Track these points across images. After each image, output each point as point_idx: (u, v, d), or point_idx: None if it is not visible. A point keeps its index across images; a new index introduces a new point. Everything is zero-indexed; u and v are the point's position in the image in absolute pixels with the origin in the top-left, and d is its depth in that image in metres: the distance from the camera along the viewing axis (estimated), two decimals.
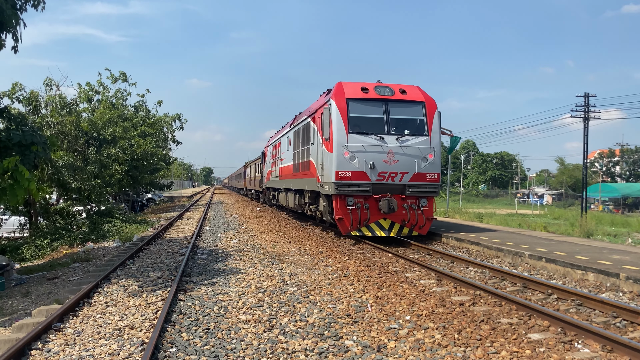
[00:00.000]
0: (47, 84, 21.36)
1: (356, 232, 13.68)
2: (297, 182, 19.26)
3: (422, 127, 14.20)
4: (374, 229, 13.79)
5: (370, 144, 13.60)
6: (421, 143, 13.96)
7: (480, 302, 7.77)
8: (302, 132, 18.34)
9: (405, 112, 14.37)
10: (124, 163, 25.68)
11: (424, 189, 13.94)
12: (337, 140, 13.48)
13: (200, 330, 6.40)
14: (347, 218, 13.59)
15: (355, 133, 13.61)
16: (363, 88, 14.14)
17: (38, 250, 16.15)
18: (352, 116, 13.73)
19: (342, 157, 13.43)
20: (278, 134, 26.64)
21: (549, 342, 5.92)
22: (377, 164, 13.55)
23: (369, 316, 7.01)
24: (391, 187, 13.73)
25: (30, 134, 10.01)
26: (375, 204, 13.67)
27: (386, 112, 14.01)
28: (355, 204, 13.55)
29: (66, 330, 6.60)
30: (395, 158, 13.68)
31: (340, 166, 13.42)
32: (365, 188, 13.50)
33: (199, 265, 11.10)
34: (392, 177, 13.71)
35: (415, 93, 14.50)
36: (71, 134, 20.40)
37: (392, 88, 14.26)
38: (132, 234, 18.08)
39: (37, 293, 9.79)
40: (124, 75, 32.39)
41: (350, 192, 13.47)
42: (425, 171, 13.92)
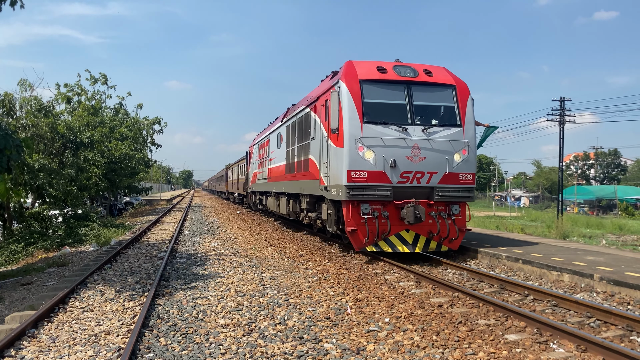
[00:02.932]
0: (21, 85, 20.97)
1: (372, 247, 11.16)
2: (291, 185, 16.74)
3: (453, 116, 11.69)
4: (395, 243, 11.31)
5: (390, 136, 11.06)
6: (453, 136, 11.45)
7: (459, 304, 7.85)
8: (299, 126, 15.72)
9: (432, 98, 11.84)
10: (101, 166, 25.32)
11: (457, 193, 11.50)
12: (349, 132, 10.96)
13: (178, 335, 6.34)
14: (361, 230, 11.08)
15: (371, 123, 11.07)
16: (380, 68, 11.60)
17: (12, 255, 15.79)
18: (367, 102, 11.18)
19: (356, 153, 10.94)
20: (266, 131, 24.02)
21: (525, 343, 6.01)
22: (399, 162, 11.05)
23: (348, 319, 7.02)
24: (416, 190, 11.27)
25: (3, 137, 9.80)
26: (396, 212, 11.24)
27: (409, 97, 11.45)
28: (372, 212, 11.07)
29: (40, 336, 6.47)
30: (421, 154, 11.18)
31: (354, 164, 10.91)
32: (384, 192, 11.03)
33: (177, 270, 11.00)
34: (418, 179, 11.23)
35: (443, 74, 12.03)
36: (47, 136, 20.04)
37: (414, 68, 11.76)
38: (110, 238, 17.83)
39: (10, 299, 9.58)
40: (104, 77, 31.93)
41: (366, 197, 11.00)
42: (458, 171, 11.47)
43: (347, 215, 11.23)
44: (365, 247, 11.15)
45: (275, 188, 19.85)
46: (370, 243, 11.14)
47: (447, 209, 11.54)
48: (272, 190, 20.83)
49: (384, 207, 11.19)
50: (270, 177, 21.10)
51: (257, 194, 26.98)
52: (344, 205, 11.30)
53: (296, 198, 16.58)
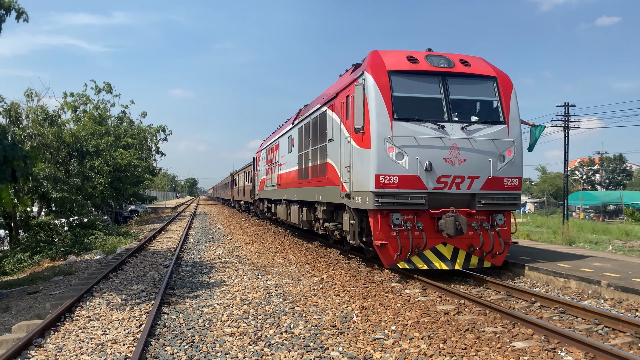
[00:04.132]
0: (27, 94, 21.14)
1: (405, 263, 9.81)
2: (304, 192, 15.30)
3: (496, 112, 10.42)
4: (431, 259, 9.91)
5: (425, 134, 9.78)
6: (496, 134, 10.14)
7: (465, 311, 7.81)
8: (314, 127, 14.33)
9: (471, 91, 10.59)
10: (107, 175, 25.43)
11: (501, 201, 10.16)
12: (378, 130, 9.67)
13: (184, 344, 6.34)
14: (392, 243, 9.74)
15: (402, 120, 9.77)
16: (410, 57, 10.32)
17: (18, 264, 15.86)
18: (397, 96, 9.91)
19: (385, 155, 9.65)
20: (275, 135, 22.60)
21: (532, 350, 5.97)
22: (435, 165, 9.75)
23: (354, 327, 7.00)
24: (455, 198, 9.97)
25: (11, 147, 9.89)
26: (431, 223, 9.91)
27: (444, 90, 10.20)
28: (404, 223, 9.73)
29: (47, 345, 6.48)
30: (461, 156, 9.87)
31: (383, 168, 9.62)
32: (418, 200, 9.70)
33: (183, 278, 11.01)
34: (457, 184, 9.90)
35: (481, 65, 10.77)
36: (53, 145, 20.16)
37: (449, 58, 10.49)
38: (115, 246, 17.88)
39: (17, 308, 9.61)
40: (108, 86, 32.18)
41: (397, 205, 9.68)
42: (502, 174, 10.13)
43: (375, 227, 9.85)
44: (396, 263, 9.78)
45: (286, 195, 18.50)
46: (402, 259, 9.75)
47: (490, 219, 10.20)
48: (283, 198, 19.38)
49: (417, 217, 9.83)
50: (280, 184, 19.86)
51: (266, 202, 25.60)
52: (371, 215, 9.99)
53: (310, 206, 15.34)
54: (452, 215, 9.60)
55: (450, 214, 9.65)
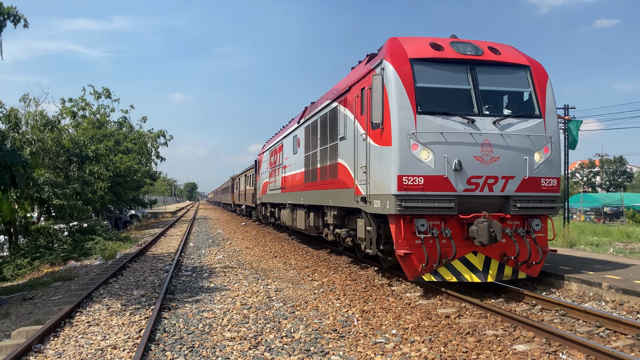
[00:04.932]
0: (23, 100, 21.18)
1: (431, 275, 8.73)
2: (312, 196, 14.33)
3: (531, 104, 9.47)
4: (460, 270, 8.85)
5: (453, 129, 8.77)
6: (532, 129, 9.16)
7: (466, 315, 7.79)
8: (322, 125, 13.33)
9: (502, 81, 9.67)
10: (106, 180, 25.42)
11: (538, 204, 9.14)
12: (400, 125, 8.65)
13: (184, 349, 6.31)
14: (417, 253, 8.68)
15: (428, 113, 8.78)
16: (434, 44, 9.36)
17: (18, 270, 15.83)
18: (421, 87, 8.93)
19: (409, 153, 8.63)
20: (278, 136, 21.65)
21: (534, 353, 5.95)
22: (465, 164, 8.75)
23: (355, 331, 6.98)
24: (486, 201, 8.96)
25: (10, 153, 9.90)
26: (460, 230, 8.89)
27: (473, 80, 9.24)
28: (430, 230, 8.68)
29: (47, 351, 6.46)
30: (493, 153, 8.88)
31: (406, 168, 8.60)
32: (446, 203, 8.68)
33: (183, 283, 10.98)
34: (490, 185, 8.89)
35: (512, 53, 9.81)
36: (52, 151, 20.16)
37: (477, 45, 9.53)
38: (115, 251, 17.84)
39: (16, 314, 9.58)
40: (107, 92, 32.21)
41: (423, 210, 8.64)
42: (539, 174, 9.14)
43: (397, 235, 8.79)
44: (421, 275, 8.72)
45: (292, 199, 17.48)
46: (428, 270, 8.70)
47: (526, 225, 9.18)
48: (287, 202, 18.40)
49: (444, 222, 8.83)
50: (285, 187, 18.82)
51: (269, 206, 24.44)
52: (392, 221, 8.91)
53: (318, 211, 14.37)
54: (485, 220, 8.51)
55: (483, 219, 8.58)
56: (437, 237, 8.62)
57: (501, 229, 8.61)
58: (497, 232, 8.49)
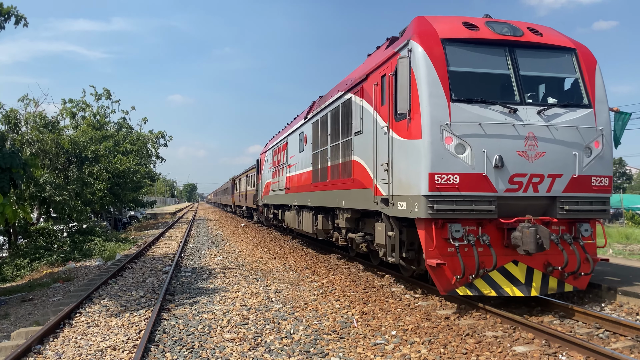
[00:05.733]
0: (22, 100, 21.18)
1: (466, 289, 7.64)
2: (321, 197, 13.28)
3: (578, 93, 8.37)
4: (499, 282, 7.75)
5: (492, 120, 7.70)
6: (581, 120, 8.07)
7: (466, 316, 7.79)
8: (334, 119, 12.32)
9: (546, 66, 8.53)
10: (106, 181, 25.42)
11: (588, 206, 8.09)
12: (431, 115, 7.56)
13: (184, 350, 6.31)
14: (451, 263, 7.59)
15: (463, 101, 7.71)
16: (467, 24, 8.29)
17: (17, 271, 15.82)
18: (455, 71, 7.85)
19: (442, 148, 7.54)
20: (282, 133, 20.56)
21: (533, 355, 5.96)
22: (507, 160, 7.66)
23: (354, 332, 6.99)
24: (529, 203, 7.92)
25: (10, 156, 9.91)
26: (498, 236, 7.85)
27: (513, 64, 8.17)
28: (466, 236, 7.61)
29: (46, 352, 6.46)
30: (539, 148, 7.79)
31: (439, 164, 7.53)
32: (485, 206, 7.60)
33: (182, 284, 10.98)
34: (535, 185, 7.81)
35: (555, 35, 8.75)
36: (52, 151, 20.15)
37: (515, 25, 8.45)
38: (115, 252, 17.84)
39: (16, 315, 9.58)
40: (107, 93, 32.22)
41: (458, 213, 7.56)
42: (590, 172, 8.06)
43: (427, 242, 7.70)
44: (454, 288, 7.64)
45: (297, 200, 16.34)
46: (463, 283, 7.61)
47: (573, 230, 8.15)
48: (293, 203, 17.29)
49: (480, 227, 7.78)
50: (290, 188, 17.79)
51: (271, 208, 23.22)
52: (422, 226, 7.82)
53: (328, 213, 13.38)
54: (532, 226, 7.43)
55: (527, 224, 7.54)
56: (473, 245, 7.53)
57: (549, 235, 7.58)
58: (545, 239, 7.48)
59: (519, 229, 7.57)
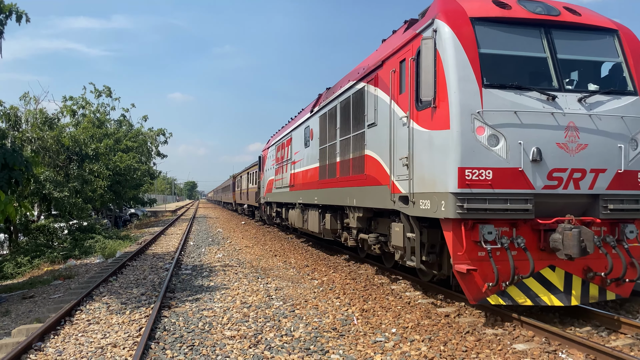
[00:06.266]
0: (23, 98, 21.21)
1: (498, 297, 6.89)
2: (329, 194, 12.51)
3: (622, 78, 7.60)
4: (535, 290, 6.98)
5: (529, 108, 6.94)
6: (627, 109, 7.28)
7: (466, 313, 7.80)
8: (344, 111, 11.51)
9: (585, 49, 7.73)
10: (106, 178, 25.44)
11: (634, 205, 7.30)
12: (461, 102, 6.81)
13: (184, 347, 6.33)
14: (483, 269, 6.83)
15: (497, 87, 6.97)
16: (498, 2, 7.51)
17: (18, 268, 15.85)
18: (486, 53, 7.11)
19: (473, 139, 6.79)
20: (286, 129, 19.77)
21: (533, 353, 5.96)
22: (546, 153, 6.90)
23: (355, 329, 7.00)
24: (569, 201, 7.12)
25: (11, 154, 9.95)
26: (534, 238, 7.08)
27: (550, 46, 7.40)
28: (499, 239, 6.82)
29: (47, 349, 6.47)
30: (580, 140, 7.01)
31: (470, 158, 6.76)
32: (521, 204, 6.83)
33: (183, 281, 11.00)
34: (576, 181, 7.03)
35: (594, 15, 7.99)
36: (52, 149, 20.17)
37: (550, 4, 7.68)
38: (115, 249, 17.86)
39: (16, 312, 9.59)
40: (108, 90, 32.22)
41: (491, 212, 6.79)
42: (636, 168, 7.34)
43: (455, 245, 6.94)
44: (485, 297, 6.88)
45: (302, 198, 15.63)
46: (495, 291, 6.86)
47: (616, 231, 7.31)
48: (297, 201, 16.54)
49: (514, 228, 6.99)
50: (294, 185, 17.02)
51: (274, 206, 22.50)
52: (449, 228, 7.00)
53: (336, 212, 12.70)
54: (574, 227, 6.64)
55: (568, 224, 6.77)
56: (507, 248, 6.78)
57: (592, 237, 6.74)
58: (588, 242, 6.66)
59: (559, 231, 6.79)
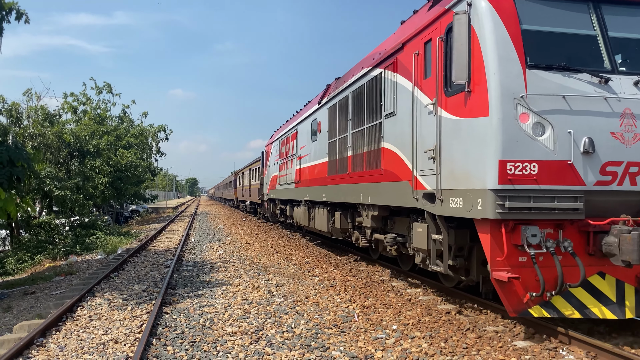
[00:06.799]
0: (26, 94, 21.22)
1: (541, 308, 6.12)
2: (339, 191, 11.73)
3: None
4: (584, 300, 6.20)
5: (580, 92, 6.14)
6: None
7: (466, 311, 7.81)
8: (357, 101, 10.67)
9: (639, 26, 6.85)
10: (107, 175, 25.47)
11: None
12: (502, 84, 6.02)
13: (186, 343, 6.34)
14: (525, 277, 6.06)
15: (542, 68, 6.18)
16: None
17: (20, 264, 15.88)
18: (529, 30, 6.30)
19: (515, 127, 5.99)
20: (291, 122, 18.79)
21: (534, 350, 5.97)
22: (599, 144, 6.10)
23: (355, 326, 7.01)
24: (622, 199, 6.24)
25: (15, 150, 9.98)
26: (581, 241, 6.22)
27: (600, 23, 6.60)
28: (544, 242, 6.02)
29: (49, 345, 6.49)
30: (638, 129, 6.22)
31: (512, 149, 5.97)
32: (570, 202, 6.02)
33: (184, 277, 11.02)
34: (633, 176, 6.22)
35: None
36: (54, 145, 20.19)
37: None
38: (117, 246, 17.89)
39: (18, 308, 9.62)
40: (108, 87, 32.23)
41: (536, 212, 5.99)
42: None
43: (493, 250, 6.14)
44: (527, 308, 6.11)
45: (309, 195, 14.89)
46: (537, 301, 6.11)
47: None
48: (304, 198, 15.72)
49: (560, 230, 6.18)
50: (300, 181, 16.22)
51: (278, 203, 21.66)
52: (486, 229, 6.21)
53: (347, 210, 11.93)
54: (634, 229, 5.82)
55: (624, 226, 5.96)
56: (553, 253, 6.00)
57: None
58: None
59: (614, 233, 5.95)
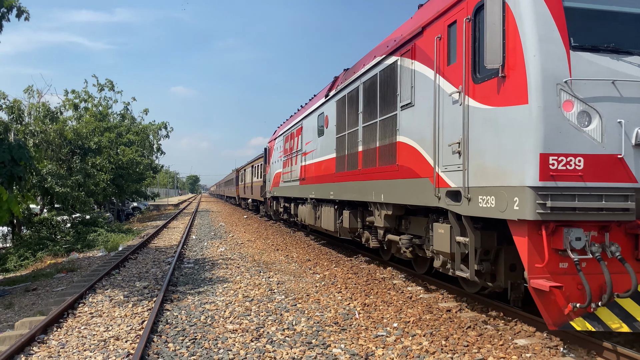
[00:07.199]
0: (27, 91, 21.24)
1: (587, 322, 5.43)
2: (348, 189, 11.12)
3: None
4: (634, 312, 5.50)
5: (630, 77, 5.47)
6: None
7: (467, 309, 7.81)
8: (369, 92, 9.98)
9: None
10: (109, 172, 25.49)
11: None
12: (543, 67, 5.33)
13: (187, 341, 6.35)
14: (568, 285, 5.41)
15: (588, 50, 5.50)
16: None
17: (21, 261, 15.91)
18: (572, 7, 5.62)
19: (559, 116, 5.32)
20: (296, 117, 18.11)
21: (535, 348, 5.97)
22: None
23: (356, 324, 7.01)
24: None
25: (17, 149, 10.00)
26: (628, 244, 5.62)
27: None
28: (589, 247, 5.40)
29: (50, 342, 6.51)
30: None
31: (555, 141, 5.29)
32: (620, 202, 5.39)
33: (185, 275, 11.03)
34: None
35: None
36: (55, 142, 20.21)
37: None
38: (118, 243, 17.92)
39: (20, 304, 9.64)
40: (110, 84, 32.21)
41: (581, 213, 5.34)
42: None
43: (531, 255, 5.49)
44: (569, 320, 5.44)
45: (315, 193, 14.27)
46: (581, 313, 5.44)
47: None
48: (309, 196, 15.06)
49: (608, 232, 5.54)
50: (305, 178, 15.54)
51: (282, 201, 20.96)
52: (523, 232, 5.54)
53: (356, 208, 11.24)
54: None
55: None
56: (600, 259, 5.36)
57: None
58: None
59: None
